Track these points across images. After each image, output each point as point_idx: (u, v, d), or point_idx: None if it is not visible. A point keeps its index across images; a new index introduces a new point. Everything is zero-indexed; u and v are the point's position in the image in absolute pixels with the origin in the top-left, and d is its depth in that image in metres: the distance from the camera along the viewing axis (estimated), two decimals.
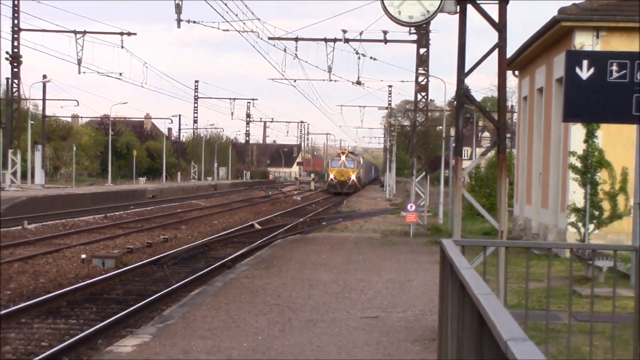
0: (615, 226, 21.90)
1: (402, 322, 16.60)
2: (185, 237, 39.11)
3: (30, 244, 33.28)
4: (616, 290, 14.08)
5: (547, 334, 12.16)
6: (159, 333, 15.25)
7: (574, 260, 21.68)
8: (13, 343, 16.22)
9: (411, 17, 16.21)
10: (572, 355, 10.48)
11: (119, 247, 33.04)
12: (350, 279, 23.28)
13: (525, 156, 37.20)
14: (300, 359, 13.37)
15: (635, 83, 9.86)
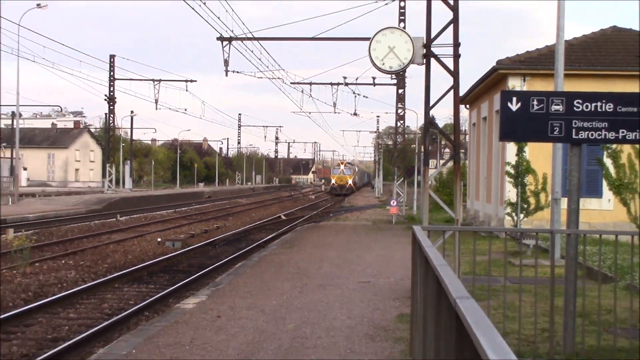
0: (538, 215, 21.95)
1: (387, 285, 16.66)
2: (231, 225, 38.87)
3: (122, 231, 33.28)
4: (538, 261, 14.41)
5: (489, 292, 12.55)
6: (212, 294, 15.32)
7: (509, 240, 21.89)
8: (109, 301, 16.50)
9: (391, 67, 16.39)
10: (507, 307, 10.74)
11: (184, 233, 32.99)
12: (350, 254, 23.27)
13: (474, 165, 37.16)
14: (316, 309, 13.59)
15: (549, 113, 9.89)
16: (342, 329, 11.98)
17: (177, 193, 77.45)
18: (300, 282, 17.19)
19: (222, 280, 17.61)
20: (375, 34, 16.36)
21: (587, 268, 13.51)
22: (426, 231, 9.36)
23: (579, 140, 9.85)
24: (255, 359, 10.02)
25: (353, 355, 10.27)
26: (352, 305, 14.24)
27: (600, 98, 9.76)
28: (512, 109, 10.02)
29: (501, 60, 27.98)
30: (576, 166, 10.09)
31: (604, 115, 9.64)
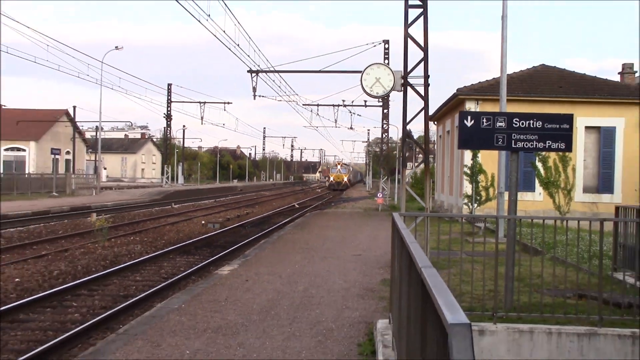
0: (487, 205, 21.95)
1: (374, 258, 16.68)
2: (257, 212, 38.87)
3: (175, 215, 33.32)
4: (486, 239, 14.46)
5: (449, 263, 12.61)
6: (242, 263, 15.36)
7: (465, 223, 22.01)
8: (165, 268, 16.54)
9: (377, 93, 16.43)
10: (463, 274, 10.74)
11: (222, 217, 32.97)
12: (346, 234, 23.26)
13: (440, 167, 37.21)
14: (320, 275, 13.64)
15: (495, 128, 9.91)
16: (340, 290, 12.03)
17: (217, 187, 77.43)
18: (309, 255, 17.20)
19: (250, 253, 17.62)
20: (365, 68, 16.39)
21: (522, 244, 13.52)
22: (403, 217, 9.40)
23: (516, 149, 9.86)
24: (274, 311, 10.06)
25: (348, 310, 10.32)
26: (347, 272, 14.27)
27: (532, 117, 9.78)
28: (467, 125, 10.01)
29: (461, 88, 27.99)
30: (515, 168, 10.11)
31: (534, 130, 9.66)
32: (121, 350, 7.82)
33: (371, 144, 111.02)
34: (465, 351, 1.95)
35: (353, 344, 8.23)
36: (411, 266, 4.44)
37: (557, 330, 8.24)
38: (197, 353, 7.73)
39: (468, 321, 2.08)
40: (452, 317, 2.13)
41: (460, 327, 2.02)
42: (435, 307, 2.56)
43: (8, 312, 10.71)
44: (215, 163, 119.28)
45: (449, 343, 2.02)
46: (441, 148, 37.35)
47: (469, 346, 1.97)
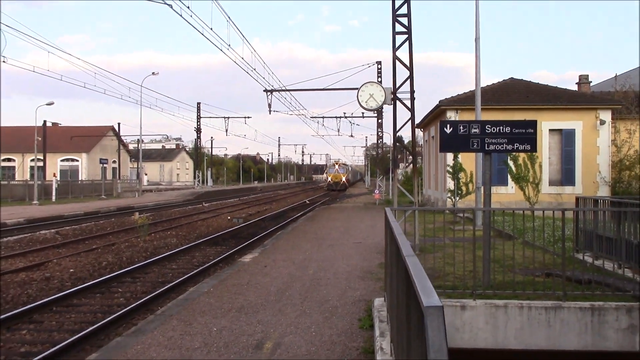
0: (468, 198, 21.94)
1: (372, 245, 16.62)
2: (275, 208, 38.79)
3: (205, 212, 33.32)
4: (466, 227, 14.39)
5: (435, 247, 12.55)
6: (262, 252, 15.33)
7: (449, 214, 21.96)
8: (197, 257, 16.51)
9: (372, 106, 16.38)
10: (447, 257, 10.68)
11: (245, 213, 33.00)
12: (349, 225, 23.18)
13: (427, 166, 37.12)
14: (327, 260, 13.59)
15: (470, 134, 9.89)
16: (344, 273, 11.99)
17: (240, 188, 77.46)
18: (317, 243, 17.14)
19: (268, 243, 17.58)
20: (361, 86, 16.32)
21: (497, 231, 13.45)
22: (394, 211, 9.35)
23: (489, 151, 9.81)
24: (288, 292, 10.04)
25: (350, 290, 10.28)
26: (350, 257, 14.23)
27: (502, 124, 9.73)
28: (447, 132, 9.99)
29: (442, 100, 27.86)
30: (488, 167, 10.07)
31: (504, 134, 9.61)
32: (159, 328, 7.82)
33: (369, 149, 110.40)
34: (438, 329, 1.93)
35: (355, 319, 8.20)
36: (398, 254, 4.40)
37: (527, 305, 8.19)
38: (223, 329, 7.72)
39: (440, 304, 2.05)
40: (427, 301, 2.10)
41: (433, 309, 2.00)
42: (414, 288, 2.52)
43: (64, 298, 10.74)
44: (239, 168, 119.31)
45: (424, 322, 1.99)
46: (427, 151, 37.25)
47: (441, 325, 1.95)
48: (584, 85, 34.50)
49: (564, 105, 27.21)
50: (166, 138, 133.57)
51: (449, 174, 22.01)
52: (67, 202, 40.70)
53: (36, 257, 16.10)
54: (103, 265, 14.80)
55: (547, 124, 26.64)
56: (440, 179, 29.77)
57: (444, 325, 1.94)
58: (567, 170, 27.23)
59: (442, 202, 28.40)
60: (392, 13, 15.08)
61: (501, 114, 24.86)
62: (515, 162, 19.49)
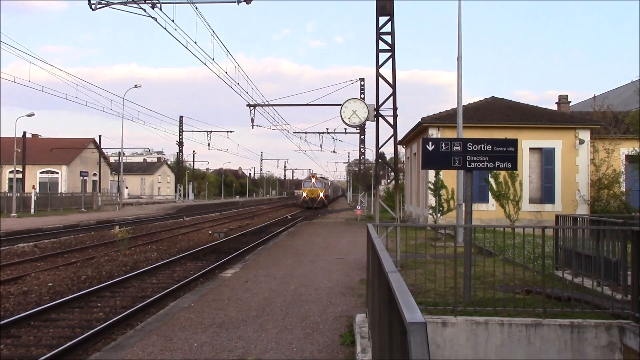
0: (448, 215, 21.98)
1: (354, 260, 16.59)
2: (256, 223, 38.70)
3: (187, 227, 33.12)
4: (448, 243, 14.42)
5: (416, 264, 12.58)
6: (243, 267, 15.25)
7: (430, 230, 22.04)
8: (177, 272, 16.36)
9: (354, 123, 16.41)
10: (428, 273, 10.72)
11: (226, 227, 32.82)
12: (330, 240, 23.14)
13: (409, 183, 37.21)
14: (308, 276, 13.55)
15: (452, 152, 9.96)
16: (325, 289, 11.96)
17: (222, 202, 77.10)
18: (299, 259, 17.09)
19: (249, 258, 17.49)
20: (344, 102, 16.37)
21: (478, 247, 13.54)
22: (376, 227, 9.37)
23: (470, 168, 9.89)
24: (269, 308, 9.99)
25: (332, 306, 10.25)
26: (331, 273, 14.20)
27: (483, 142, 9.83)
28: (429, 149, 10.07)
29: (424, 117, 28.07)
30: (469, 184, 10.15)
31: (485, 152, 9.71)
32: (138, 344, 7.74)
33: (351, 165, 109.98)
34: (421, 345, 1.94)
35: (336, 335, 8.18)
36: (381, 270, 4.41)
37: (508, 322, 8.23)
38: (203, 345, 7.66)
39: (424, 320, 2.07)
40: (410, 317, 2.12)
41: (417, 325, 2.02)
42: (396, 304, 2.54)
43: (42, 312, 10.59)
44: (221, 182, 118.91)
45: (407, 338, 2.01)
46: (409, 167, 37.43)
47: (424, 341, 1.97)
48: (564, 105, 34.98)
49: (544, 124, 27.57)
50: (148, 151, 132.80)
51: (430, 190, 22.11)
52: (47, 215, 40.20)
53: (14, 270, 15.87)
54: (82, 280, 14.63)
55: (528, 143, 26.95)
56: (421, 195, 29.89)
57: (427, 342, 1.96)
58: (547, 188, 27.52)
59: (423, 219, 28.48)
60: (376, 31, 15.22)
61: (482, 132, 25.12)
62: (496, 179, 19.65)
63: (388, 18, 15.24)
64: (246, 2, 15.20)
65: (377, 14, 15.19)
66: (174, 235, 27.39)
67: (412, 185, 35.07)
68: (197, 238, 26.55)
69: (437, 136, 25.96)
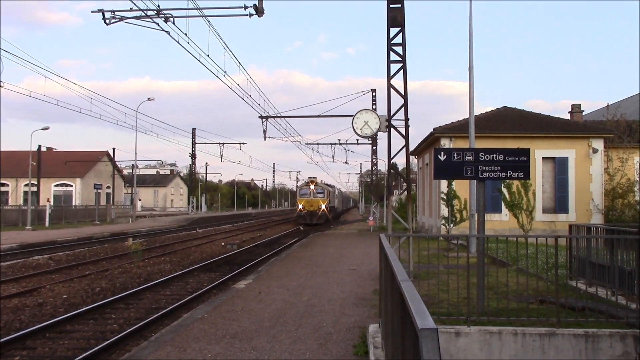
0: (461, 225, 21.95)
1: (367, 271, 16.59)
2: (268, 234, 38.59)
3: (200, 238, 33.11)
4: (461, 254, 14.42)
5: (429, 274, 12.54)
6: (256, 278, 15.27)
7: (444, 241, 21.96)
8: (191, 283, 16.41)
9: (366, 133, 16.50)
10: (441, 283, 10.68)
11: (239, 239, 32.77)
12: (343, 251, 23.12)
13: (421, 193, 37.18)
14: (321, 287, 13.58)
15: (464, 162, 9.99)
16: (338, 300, 11.97)
17: (234, 214, 77.31)
18: (311, 269, 17.10)
19: (262, 269, 17.50)
20: (356, 113, 16.46)
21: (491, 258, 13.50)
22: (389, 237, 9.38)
23: (483, 178, 9.90)
24: (282, 319, 10.02)
25: (345, 316, 10.26)
26: (344, 284, 14.19)
27: (495, 152, 9.84)
28: (441, 159, 10.12)
29: (436, 127, 28.09)
30: (482, 194, 10.14)
31: (497, 162, 9.72)
32: (153, 355, 7.79)
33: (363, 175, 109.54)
34: (433, 351, 1.97)
35: (349, 345, 8.19)
36: (393, 279, 4.43)
37: (522, 332, 8.20)
38: (217, 356, 7.70)
39: (435, 326, 2.10)
40: (422, 323, 2.15)
41: (428, 332, 2.05)
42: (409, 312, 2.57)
43: (57, 324, 10.67)
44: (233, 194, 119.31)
45: (419, 344, 2.04)
46: (421, 177, 37.41)
47: (436, 347, 1.99)
48: (577, 114, 34.87)
49: (557, 133, 27.49)
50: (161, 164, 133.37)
51: (443, 201, 22.08)
52: (61, 228, 40.52)
53: (29, 282, 16.01)
54: (96, 291, 14.72)
55: (540, 152, 26.87)
56: (434, 206, 29.85)
57: (438, 348, 1.99)
58: (560, 198, 27.39)
59: (436, 229, 28.41)
60: (387, 42, 15.30)
61: (495, 142, 25.10)
62: (509, 189, 19.61)
63: (399, 29, 15.32)
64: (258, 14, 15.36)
65: (388, 25, 15.28)
66: (187, 247, 27.48)
67: (425, 195, 35.03)
68: (210, 250, 26.58)
69: (449, 146, 25.96)
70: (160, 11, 15.35)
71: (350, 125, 16.49)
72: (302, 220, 47.80)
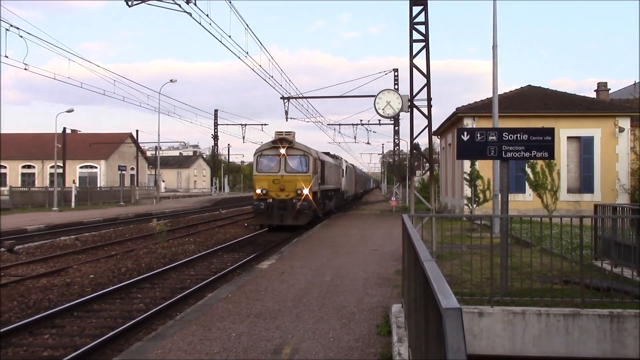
0: (485, 205, 21.86)
1: (389, 252, 16.61)
2: None
3: (223, 219, 33.40)
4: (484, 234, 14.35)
5: (452, 255, 12.52)
6: (279, 258, 15.36)
7: (467, 221, 21.87)
8: (214, 264, 16.63)
9: (388, 114, 16.40)
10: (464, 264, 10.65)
11: None
12: (365, 232, 23.15)
13: (444, 174, 37.03)
14: (344, 267, 13.66)
15: (487, 142, 9.92)
16: (360, 280, 12.02)
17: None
18: (334, 250, 17.15)
19: (285, 250, 17.60)
20: (378, 93, 16.37)
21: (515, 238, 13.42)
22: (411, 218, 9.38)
23: (506, 158, 9.82)
24: (305, 298, 10.09)
25: (367, 296, 10.31)
26: (367, 264, 14.24)
27: (519, 131, 9.74)
28: (464, 139, 10.05)
29: (459, 107, 27.87)
30: (505, 174, 10.06)
31: (521, 142, 9.62)
32: (178, 333, 7.91)
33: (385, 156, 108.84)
34: (456, 330, 1.98)
35: (372, 325, 8.23)
36: (416, 259, 4.44)
37: (545, 312, 8.17)
38: (241, 335, 7.80)
39: (459, 306, 2.11)
40: (446, 302, 2.16)
41: (452, 311, 2.06)
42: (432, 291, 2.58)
43: (85, 303, 10.88)
44: None
45: (443, 324, 2.05)
46: (444, 158, 37.20)
47: (459, 326, 2.00)
48: (603, 92, 34.31)
49: (582, 112, 27.09)
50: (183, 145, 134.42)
51: (465, 181, 21.97)
52: (86, 209, 41.10)
53: (57, 262, 16.30)
54: (122, 271, 14.95)
55: (565, 132, 26.52)
56: (457, 186, 29.69)
57: (462, 327, 2.00)
58: (585, 177, 27.07)
59: (459, 210, 28.30)
60: (410, 21, 15.14)
61: (518, 122, 24.81)
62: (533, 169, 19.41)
63: (422, 7, 15.15)
64: None
65: (410, 3, 15.12)
66: (210, 227, 27.71)
67: (447, 176, 34.86)
68: (233, 230, 26.75)
69: (472, 126, 25.73)
70: None
71: (372, 105, 16.40)
72: (263, 219, 26.26)
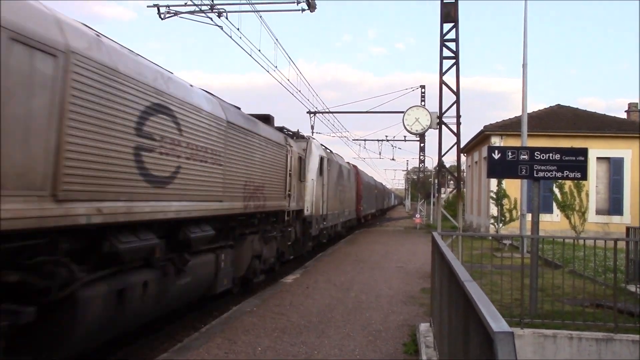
0: (511, 225, 21.59)
1: (414, 269, 16.49)
2: None
3: None
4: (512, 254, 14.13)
5: (480, 274, 12.35)
6: (303, 273, 15.30)
7: (494, 240, 21.61)
8: None
9: (417, 130, 16.37)
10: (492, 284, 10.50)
11: None
12: (389, 249, 22.98)
13: (470, 192, 36.68)
14: (369, 283, 13.53)
15: (519, 161, 9.80)
16: (386, 297, 11.90)
17: None
18: (358, 266, 17.05)
19: (309, 265, 17.53)
20: (406, 110, 16.34)
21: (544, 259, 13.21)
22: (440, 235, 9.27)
23: (538, 178, 9.69)
24: (330, 314, 10.00)
25: (393, 314, 10.18)
26: (392, 281, 14.12)
27: (552, 151, 9.62)
28: (495, 158, 9.95)
29: (487, 125, 27.65)
30: (537, 194, 9.92)
31: (554, 162, 9.49)
32: (204, 346, 7.88)
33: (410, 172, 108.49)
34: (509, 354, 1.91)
35: (399, 343, 8.12)
36: (451, 278, 4.34)
37: (577, 336, 7.99)
38: (267, 349, 7.73)
39: (511, 330, 2.03)
40: (497, 326, 2.08)
41: (504, 335, 1.98)
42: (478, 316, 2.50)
43: None
44: None
45: (494, 348, 1.97)
46: (470, 176, 36.90)
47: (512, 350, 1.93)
48: (634, 112, 33.79)
49: (612, 133, 26.69)
50: None
51: (492, 200, 21.73)
52: None
53: None
54: None
55: (595, 152, 26.12)
56: (483, 204, 29.39)
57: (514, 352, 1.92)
58: (614, 199, 26.62)
59: (484, 228, 27.99)
60: (440, 38, 15.08)
61: (547, 141, 24.55)
62: (561, 189, 19.17)
63: (453, 25, 15.09)
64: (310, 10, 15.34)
65: (441, 20, 15.06)
66: None
67: (473, 194, 34.55)
68: None
69: (499, 144, 25.50)
70: (214, 6, 15.48)
71: (401, 121, 16.36)
72: None
